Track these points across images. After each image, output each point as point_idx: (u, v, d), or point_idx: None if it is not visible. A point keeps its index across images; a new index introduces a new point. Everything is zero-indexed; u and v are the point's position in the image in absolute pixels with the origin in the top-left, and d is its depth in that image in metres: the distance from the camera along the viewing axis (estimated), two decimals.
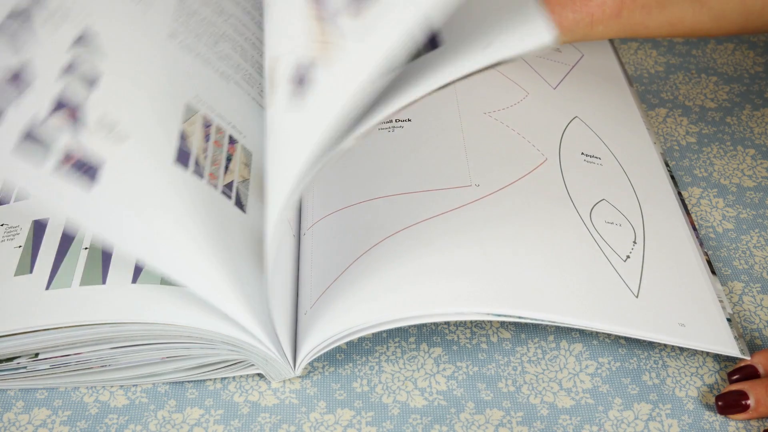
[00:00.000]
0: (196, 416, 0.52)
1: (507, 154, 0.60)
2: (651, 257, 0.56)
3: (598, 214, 0.57)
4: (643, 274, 0.54)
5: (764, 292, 0.59)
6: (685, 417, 0.53)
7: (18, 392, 0.53)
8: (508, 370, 0.55)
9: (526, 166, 0.59)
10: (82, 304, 0.50)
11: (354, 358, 0.55)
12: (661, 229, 0.58)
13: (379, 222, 0.54)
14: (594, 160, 0.61)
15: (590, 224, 0.56)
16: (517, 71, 0.67)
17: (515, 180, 0.58)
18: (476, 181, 0.57)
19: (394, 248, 0.53)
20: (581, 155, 0.61)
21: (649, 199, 0.60)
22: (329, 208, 0.57)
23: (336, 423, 0.52)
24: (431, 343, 0.56)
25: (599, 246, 0.55)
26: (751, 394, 0.52)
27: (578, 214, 0.56)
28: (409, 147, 0.59)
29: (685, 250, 0.57)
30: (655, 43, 0.76)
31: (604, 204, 0.58)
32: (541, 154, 0.60)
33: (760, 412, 0.51)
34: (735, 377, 0.53)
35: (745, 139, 0.69)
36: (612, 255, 0.55)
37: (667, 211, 0.60)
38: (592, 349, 0.56)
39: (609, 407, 0.53)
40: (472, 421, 0.52)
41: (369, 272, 0.52)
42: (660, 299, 0.54)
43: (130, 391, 0.53)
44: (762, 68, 0.75)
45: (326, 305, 0.52)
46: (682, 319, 0.53)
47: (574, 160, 0.60)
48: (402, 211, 0.55)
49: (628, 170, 0.61)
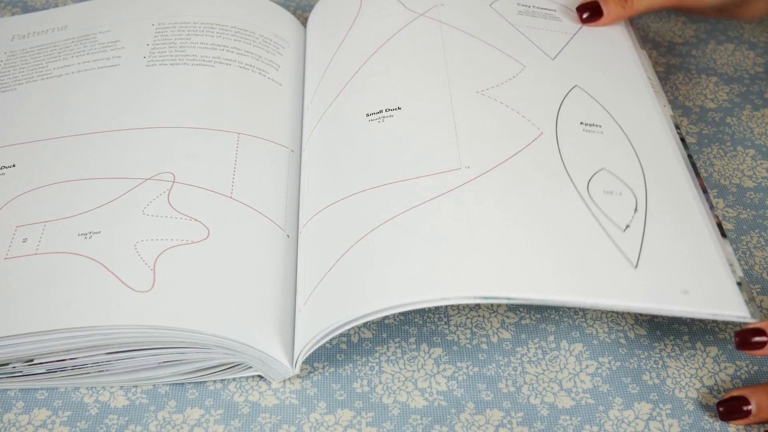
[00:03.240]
0: (197, 416, 0.52)
1: (499, 131, 0.58)
2: (653, 224, 0.53)
3: (597, 184, 0.55)
4: (644, 243, 0.52)
5: (764, 293, 0.59)
6: (685, 417, 0.53)
7: (18, 392, 0.53)
8: (509, 371, 0.55)
9: (519, 143, 0.57)
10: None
11: (354, 359, 0.55)
12: (666, 195, 0.56)
13: (367, 214, 0.54)
14: (594, 128, 0.59)
15: (587, 196, 0.54)
16: (513, 44, 0.65)
17: (507, 158, 0.56)
18: (466, 163, 0.56)
19: (382, 239, 0.52)
20: (580, 125, 0.59)
21: (654, 164, 0.57)
22: (322, 203, 0.57)
23: (336, 423, 0.52)
24: (431, 344, 0.56)
25: (596, 217, 0.53)
26: (752, 399, 0.51)
27: (574, 187, 0.55)
28: (399, 135, 0.58)
29: (691, 214, 0.55)
30: (655, 43, 0.76)
31: (603, 173, 0.56)
32: (536, 128, 0.58)
33: (761, 417, 0.51)
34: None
35: (745, 139, 0.69)
36: (610, 226, 0.53)
37: (673, 175, 0.57)
38: (593, 349, 0.56)
39: (609, 407, 0.53)
40: (473, 421, 0.52)
41: (358, 265, 0.51)
42: (661, 267, 0.51)
43: (131, 392, 0.53)
44: (762, 68, 0.75)
45: (318, 300, 0.52)
46: (686, 285, 0.50)
47: (571, 131, 0.59)
48: (390, 201, 0.54)
49: (631, 136, 0.59)
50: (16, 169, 0.59)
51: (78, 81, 0.65)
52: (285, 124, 0.64)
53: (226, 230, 0.55)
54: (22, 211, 0.56)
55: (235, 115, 0.62)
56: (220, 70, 0.65)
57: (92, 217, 0.55)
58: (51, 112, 0.63)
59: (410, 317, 0.57)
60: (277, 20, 0.72)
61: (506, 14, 0.68)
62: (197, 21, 0.69)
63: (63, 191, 0.57)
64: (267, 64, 0.67)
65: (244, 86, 0.65)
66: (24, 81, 0.66)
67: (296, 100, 0.66)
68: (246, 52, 0.67)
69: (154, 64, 0.66)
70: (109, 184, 0.57)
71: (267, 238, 0.56)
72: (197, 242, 0.54)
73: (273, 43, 0.69)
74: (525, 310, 0.58)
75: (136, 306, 0.50)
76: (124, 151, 0.59)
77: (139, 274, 0.52)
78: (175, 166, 0.58)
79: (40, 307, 0.50)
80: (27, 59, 0.69)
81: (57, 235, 0.54)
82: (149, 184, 0.57)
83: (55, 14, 0.73)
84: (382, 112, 0.60)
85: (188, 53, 0.66)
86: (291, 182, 0.60)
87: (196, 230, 0.54)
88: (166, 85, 0.64)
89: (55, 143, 0.60)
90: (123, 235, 0.54)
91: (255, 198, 0.57)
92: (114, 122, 0.61)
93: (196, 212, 0.55)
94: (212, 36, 0.68)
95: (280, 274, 0.55)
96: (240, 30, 0.69)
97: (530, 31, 0.67)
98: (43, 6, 0.79)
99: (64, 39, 0.70)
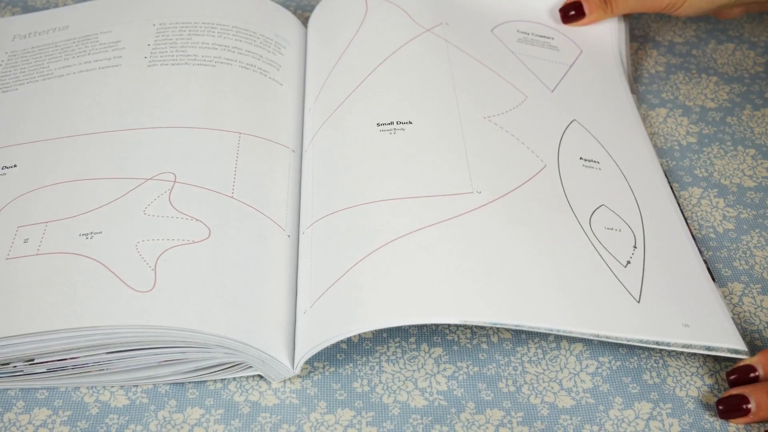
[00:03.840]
0: (197, 416, 0.52)
1: (507, 160, 0.59)
2: (652, 261, 0.56)
3: (598, 220, 0.57)
4: (645, 279, 0.54)
5: (764, 293, 0.59)
6: (685, 416, 0.53)
7: (18, 392, 0.53)
8: (509, 370, 0.55)
9: (526, 173, 0.59)
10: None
11: (354, 358, 0.55)
12: (662, 232, 0.58)
13: (381, 225, 0.54)
14: (593, 164, 0.61)
15: (590, 231, 0.56)
16: (514, 73, 0.67)
17: (516, 187, 0.57)
18: (477, 188, 0.57)
19: (397, 253, 0.53)
20: (580, 160, 0.61)
21: (649, 202, 0.59)
22: (330, 207, 0.57)
23: (336, 423, 0.52)
24: (432, 343, 0.56)
25: (599, 253, 0.55)
26: (751, 398, 0.51)
27: (578, 221, 0.56)
28: (411, 150, 0.59)
29: (686, 251, 0.57)
30: (655, 43, 0.76)
31: (603, 210, 0.58)
32: (540, 160, 0.60)
33: (761, 416, 0.51)
34: (733, 377, 0.53)
35: (746, 139, 0.69)
36: (612, 261, 0.55)
37: (666, 214, 0.59)
38: (593, 348, 0.56)
39: (609, 407, 0.53)
40: (473, 421, 0.52)
41: (371, 276, 0.52)
42: (662, 302, 0.53)
43: (131, 392, 0.53)
44: (762, 68, 0.75)
45: (327, 306, 0.52)
46: (685, 320, 0.53)
47: (572, 166, 0.60)
48: (405, 216, 0.55)
49: (627, 174, 0.61)
50: (18, 169, 0.59)
51: (79, 81, 0.65)
52: (286, 123, 0.64)
53: (227, 230, 0.55)
54: (23, 212, 0.56)
55: (235, 115, 0.62)
56: (221, 70, 0.65)
57: (93, 217, 0.55)
58: (52, 112, 0.63)
59: None
60: (278, 20, 0.72)
61: (507, 41, 0.70)
62: (198, 21, 0.69)
63: (64, 191, 0.57)
64: (268, 63, 0.67)
65: (245, 86, 0.65)
66: (25, 81, 0.66)
67: (297, 99, 0.66)
68: (247, 52, 0.67)
69: (156, 64, 0.66)
70: (110, 184, 0.57)
71: (268, 237, 0.56)
72: (198, 242, 0.54)
73: (274, 42, 0.69)
74: None
75: (137, 306, 0.50)
76: (125, 152, 0.59)
77: (140, 274, 0.52)
78: (176, 165, 0.58)
79: (41, 307, 0.50)
80: (28, 59, 0.69)
81: (58, 235, 0.54)
82: (150, 184, 0.57)
83: (56, 14, 0.73)
84: (393, 124, 0.61)
85: (189, 53, 0.66)
86: (292, 182, 0.60)
87: (197, 230, 0.54)
88: (167, 85, 0.64)
89: (57, 143, 0.60)
90: (124, 235, 0.54)
91: (256, 198, 0.57)
92: (115, 122, 0.61)
93: (197, 212, 0.55)
94: (213, 36, 0.68)
95: (280, 273, 0.55)
96: (241, 30, 0.69)
97: (530, 60, 0.68)
98: (44, 6, 0.79)
99: (65, 39, 0.70)
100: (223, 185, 0.57)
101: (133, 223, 0.55)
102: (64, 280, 0.52)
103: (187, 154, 0.59)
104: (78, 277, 0.52)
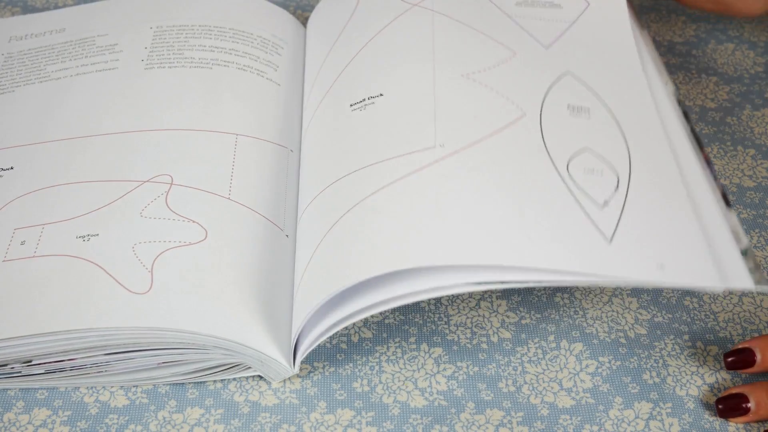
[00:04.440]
0: (197, 416, 0.52)
1: (479, 112, 0.57)
2: (634, 203, 0.53)
3: (578, 163, 0.54)
4: (621, 220, 0.52)
5: (764, 293, 0.59)
6: (685, 416, 0.52)
7: (18, 392, 0.53)
8: (509, 370, 0.55)
9: (499, 123, 0.57)
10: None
11: (354, 358, 0.55)
12: (652, 175, 0.55)
13: (342, 199, 0.53)
14: (581, 112, 0.58)
15: (566, 173, 0.54)
16: (505, 33, 0.65)
17: (484, 137, 0.55)
18: (440, 142, 0.55)
19: (353, 221, 0.52)
20: (567, 108, 0.58)
21: (642, 145, 0.57)
22: (310, 197, 0.56)
23: (336, 423, 0.52)
24: (431, 343, 0.56)
25: (573, 194, 0.53)
26: (751, 397, 0.51)
27: (553, 165, 0.54)
28: (377, 120, 0.58)
29: (676, 193, 0.54)
30: (655, 42, 0.76)
31: (585, 153, 0.55)
32: (519, 109, 0.58)
33: (761, 415, 0.51)
34: (731, 359, 0.53)
35: (746, 139, 0.69)
36: (587, 202, 0.52)
37: (659, 157, 0.56)
38: (593, 348, 0.56)
39: (609, 406, 0.53)
40: (473, 421, 0.52)
41: (331, 250, 0.51)
42: (637, 243, 0.51)
43: (131, 392, 0.53)
44: (762, 68, 0.75)
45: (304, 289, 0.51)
46: (662, 260, 0.50)
47: (557, 113, 0.58)
48: (361, 185, 0.54)
49: (621, 119, 0.58)
50: (14, 171, 0.59)
51: (76, 84, 0.65)
52: (284, 124, 0.64)
53: (224, 231, 0.55)
54: (20, 214, 0.56)
55: (232, 117, 0.62)
56: (218, 72, 0.65)
57: (90, 219, 0.55)
58: (49, 114, 0.63)
59: (410, 317, 0.57)
60: (275, 20, 0.72)
61: (503, 5, 0.67)
62: (195, 23, 0.69)
63: (61, 194, 0.57)
64: (265, 64, 0.67)
65: (241, 87, 0.65)
66: (22, 83, 0.66)
67: (295, 99, 0.66)
68: (244, 53, 0.67)
69: (153, 67, 0.66)
70: (107, 186, 0.57)
71: (265, 238, 0.56)
72: (195, 243, 0.54)
73: (271, 43, 0.69)
74: (525, 310, 0.58)
75: (134, 308, 0.50)
76: (122, 154, 0.59)
77: (137, 276, 0.52)
78: (173, 167, 0.58)
79: (38, 310, 0.50)
80: (25, 61, 0.69)
81: (55, 237, 0.54)
82: (147, 186, 0.57)
83: (53, 16, 0.73)
84: (365, 101, 0.60)
85: (186, 56, 0.66)
86: (290, 182, 0.60)
87: (194, 232, 0.54)
88: (164, 88, 0.64)
89: (53, 146, 0.60)
90: (121, 237, 0.54)
91: (253, 199, 0.57)
92: (112, 125, 0.61)
93: (194, 214, 0.55)
94: (210, 38, 0.68)
95: (278, 274, 0.55)
96: (238, 31, 0.69)
97: (526, 21, 0.66)
98: (44, 6, 0.79)
99: (62, 42, 0.70)
100: (219, 187, 0.57)
101: (130, 225, 0.55)
102: (61, 283, 0.52)
103: (184, 156, 0.59)
104: (75, 279, 0.52)
